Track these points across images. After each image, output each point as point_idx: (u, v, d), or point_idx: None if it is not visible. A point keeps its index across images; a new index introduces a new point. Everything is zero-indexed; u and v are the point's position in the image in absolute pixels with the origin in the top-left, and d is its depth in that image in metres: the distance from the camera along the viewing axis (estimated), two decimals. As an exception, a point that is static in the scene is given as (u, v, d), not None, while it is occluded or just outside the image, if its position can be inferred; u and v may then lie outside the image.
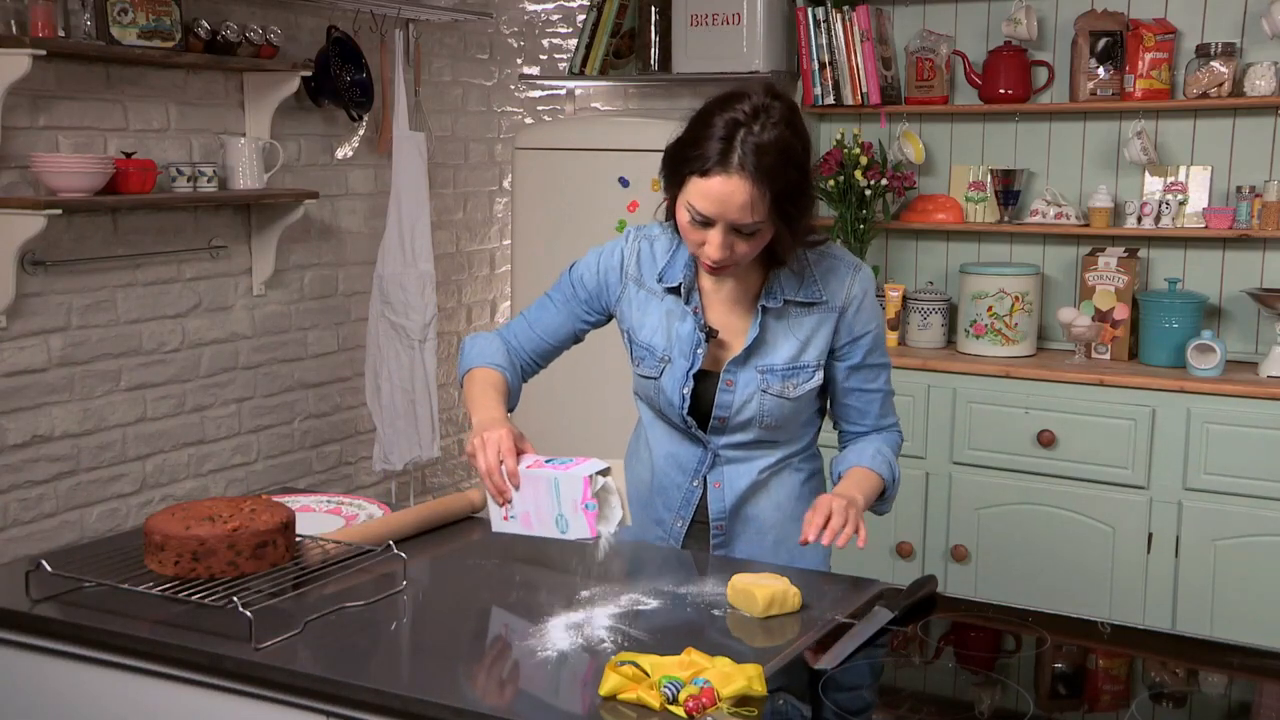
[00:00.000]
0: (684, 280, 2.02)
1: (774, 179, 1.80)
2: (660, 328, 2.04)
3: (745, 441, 2.05)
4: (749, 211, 1.81)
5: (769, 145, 1.80)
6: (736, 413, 2.02)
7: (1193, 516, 3.27)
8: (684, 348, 2.02)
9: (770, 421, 2.03)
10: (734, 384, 2.01)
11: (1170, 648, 1.82)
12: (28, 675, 1.77)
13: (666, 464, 2.12)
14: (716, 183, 1.81)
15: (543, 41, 4.75)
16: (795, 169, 1.83)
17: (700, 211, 1.84)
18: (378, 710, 1.52)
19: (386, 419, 4.03)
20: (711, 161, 1.81)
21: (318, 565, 1.87)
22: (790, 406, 2.02)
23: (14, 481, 3.14)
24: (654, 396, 2.07)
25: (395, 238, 3.97)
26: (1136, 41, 3.53)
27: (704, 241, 1.87)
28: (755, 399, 2.01)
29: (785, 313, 2.00)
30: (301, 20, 3.80)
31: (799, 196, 1.86)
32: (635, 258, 2.08)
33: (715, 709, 1.43)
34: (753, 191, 1.80)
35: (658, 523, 2.13)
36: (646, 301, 2.06)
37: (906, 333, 3.84)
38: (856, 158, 3.70)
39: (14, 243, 2.98)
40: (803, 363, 2.01)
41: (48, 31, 2.96)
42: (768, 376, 2.00)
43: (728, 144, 1.81)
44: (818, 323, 2.01)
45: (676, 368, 2.02)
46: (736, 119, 1.82)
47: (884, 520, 3.65)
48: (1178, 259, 3.69)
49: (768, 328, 2.00)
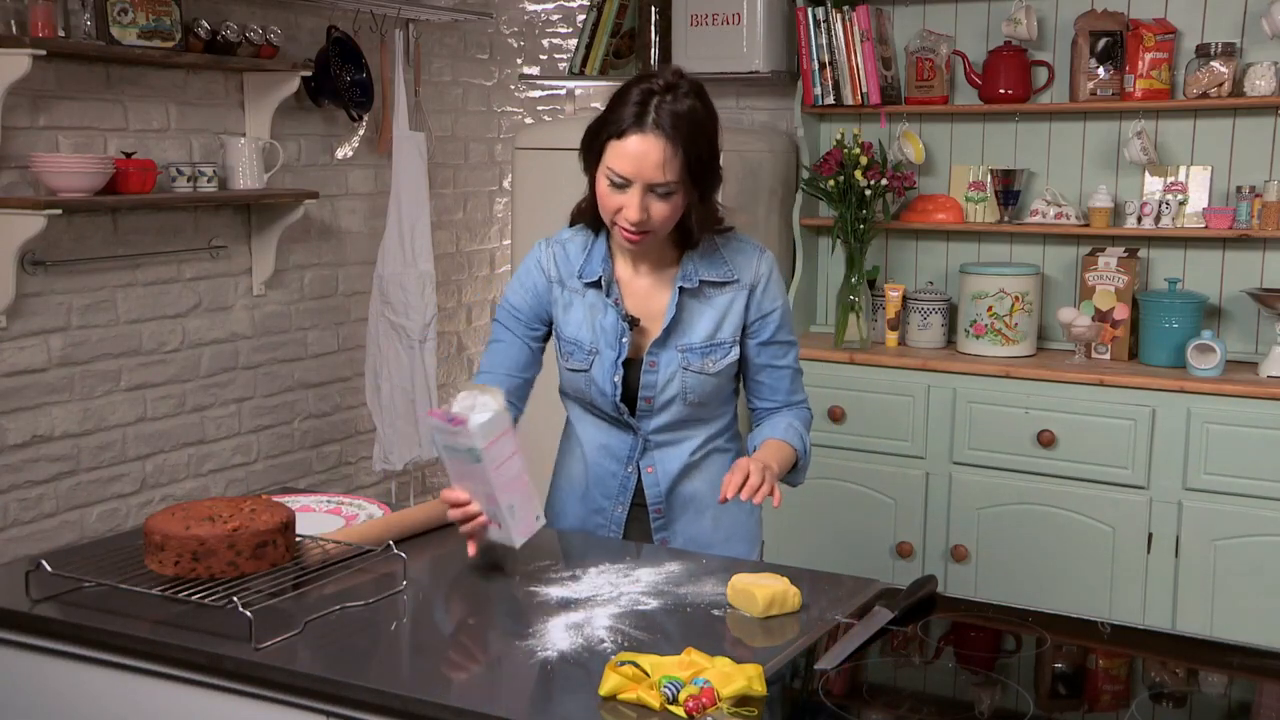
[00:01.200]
0: (603, 273, 2.13)
1: (686, 140, 1.96)
2: (584, 322, 2.15)
3: (671, 423, 2.16)
4: (663, 169, 1.96)
5: (682, 111, 1.97)
6: (661, 391, 2.13)
7: (1193, 516, 3.27)
8: (609, 338, 2.13)
9: (693, 398, 2.14)
10: (656, 365, 2.13)
11: (1170, 648, 1.82)
12: (28, 675, 1.77)
13: (599, 455, 2.22)
14: (633, 142, 1.97)
15: (543, 41, 4.75)
16: (705, 137, 2.00)
17: (618, 173, 1.98)
18: (378, 710, 1.52)
19: (386, 419, 4.03)
20: (627, 123, 1.97)
21: (318, 565, 1.87)
22: (711, 382, 2.14)
23: (14, 481, 3.14)
24: (584, 388, 2.17)
25: (395, 238, 3.97)
26: (1136, 41, 3.53)
27: (621, 207, 2.00)
28: (678, 377, 2.12)
29: (700, 293, 2.13)
30: (301, 20, 3.80)
31: (709, 163, 2.02)
32: (553, 262, 2.19)
33: (715, 709, 1.43)
34: (666, 149, 1.95)
35: (597, 511, 2.23)
36: (570, 300, 2.17)
37: (906, 333, 3.84)
38: (856, 158, 3.70)
39: (14, 243, 2.98)
40: (719, 339, 2.14)
41: (48, 31, 2.96)
42: (688, 354, 2.12)
43: (642, 108, 1.97)
44: (730, 300, 2.14)
45: (604, 358, 2.13)
46: (650, 89, 1.98)
47: (884, 520, 3.67)
48: (1178, 259, 3.68)
49: (684, 307, 2.12)
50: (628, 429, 2.18)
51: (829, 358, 3.68)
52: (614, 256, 2.16)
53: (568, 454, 2.29)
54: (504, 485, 1.85)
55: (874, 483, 3.64)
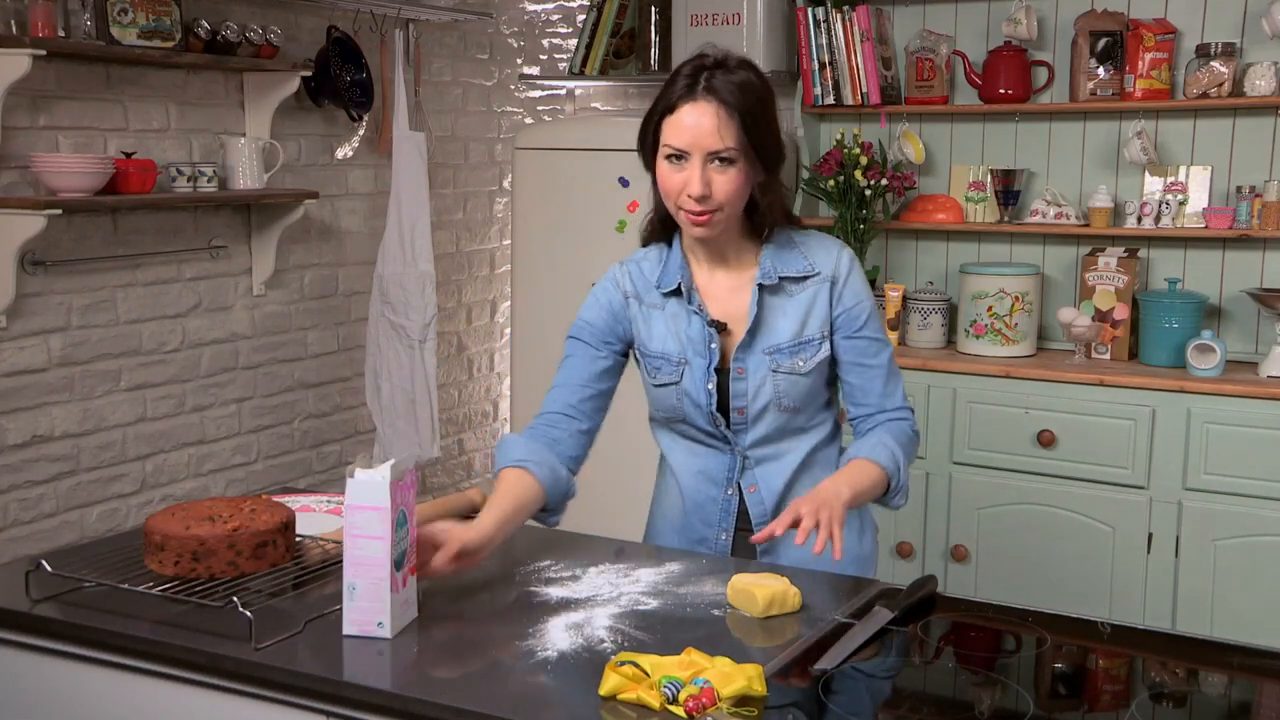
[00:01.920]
0: (681, 280, 2.03)
1: (740, 102, 1.90)
2: (669, 334, 2.05)
3: (769, 434, 2.05)
4: (719, 135, 1.89)
5: (734, 80, 1.91)
6: (754, 399, 2.02)
7: (1193, 516, 3.27)
8: (698, 347, 2.03)
9: (788, 402, 2.03)
10: (745, 371, 2.02)
11: (1170, 648, 1.82)
12: (28, 675, 1.77)
13: (696, 481, 2.10)
14: (685, 111, 1.91)
15: (543, 41, 4.75)
16: (761, 104, 1.93)
17: (675, 146, 1.92)
18: (378, 710, 1.52)
19: (386, 419, 4.03)
20: (678, 96, 1.92)
21: (318, 565, 1.87)
22: (804, 383, 2.03)
23: (14, 481, 3.14)
24: (677, 404, 2.05)
25: (395, 238, 3.97)
26: (1136, 41, 3.53)
27: (684, 187, 1.92)
28: (769, 381, 2.01)
29: (781, 289, 2.03)
30: (301, 20, 3.80)
31: (769, 133, 1.95)
32: (629, 279, 2.09)
33: (715, 709, 1.43)
34: (719, 113, 1.89)
35: (700, 541, 2.11)
36: (650, 315, 2.07)
37: (906, 333, 3.84)
38: (856, 158, 3.70)
39: (14, 243, 2.98)
40: (806, 336, 2.02)
41: (48, 31, 2.96)
42: (776, 356, 2.01)
43: (693, 80, 1.92)
44: (814, 295, 2.03)
45: (695, 368, 2.03)
46: (701, 64, 1.94)
47: (884, 520, 3.66)
48: (1178, 259, 3.68)
49: (766, 306, 2.02)
50: (724, 449, 2.07)
51: (829, 358, 3.67)
52: (690, 263, 2.06)
53: (662, 490, 2.18)
54: (353, 560, 1.64)
55: (874, 483, 3.63)
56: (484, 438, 4.83)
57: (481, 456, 4.81)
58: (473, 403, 4.75)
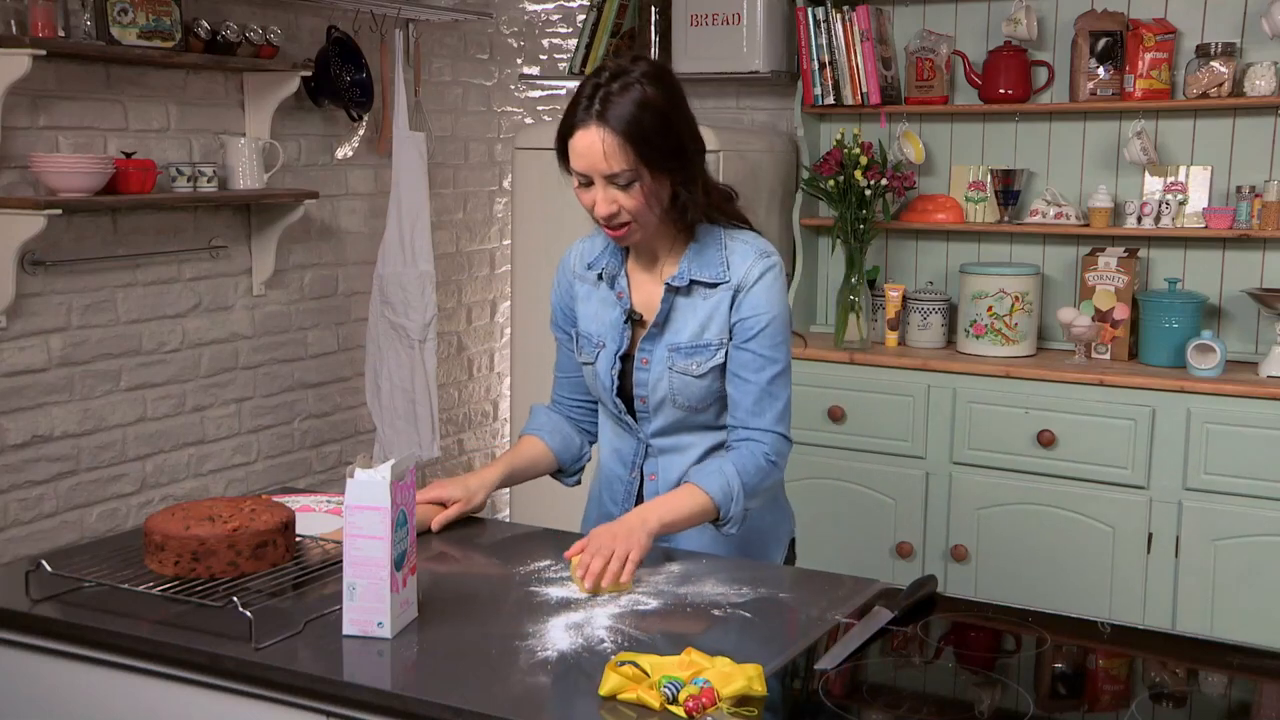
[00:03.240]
0: (606, 267, 2.12)
1: (628, 124, 1.91)
2: (595, 315, 2.14)
3: (669, 426, 2.11)
4: (610, 159, 1.92)
5: (622, 98, 1.92)
6: (652, 390, 2.09)
7: (1193, 516, 3.27)
8: (613, 332, 2.11)
9: (682, 401, 2.08)
10: (649, 362, 2.09)
11: (1170, 648, 1.82)
12: (28, 675, 1.77)
13: (611, 458, 2.21)
14: (578, 137, 1.95)
15: (543, 41, 4.75)
16: (655, 117, 1.93)
17: (577, 170, 1.97)
18: (378, 710, 1.52)
19: (386, 419, 4.03)
20: (574, 119, 1.96)
21: (318, 565, 1.87)
22: (698, 385, 2.07)
23: (14, 481, 3.14)
24: (593, 383, 2.16)
25: (395, 238, 3.97)
26: (1136, 41, 3.53)
27: (592, 203, 1.98)
28: (665, 377, 2.07)
29: (691, 291, 2.07)
30: (301, 20, 3.80)
31: (669, 144, 1.95)
32: (579, 256, 2.20)
33: (715, 709, 1.43)
34: (608, 138, 1.91)
35: (606, 517, 2.18)
36: (588, 294, 2.17)
37: (906, 333, 3.84)
38: (856, 158, 3.70)
39: (14, 243, 2.98)
40: (704, 340, 2.06)
41: (48, 31, 2.96)
42: (674, 355, 2.07)
43: (588, 102, 1.95)
44: (718, 301, 2.06)
45: (608, 350, 2.11)
46: (597, 82, 1.96)
47: (884, 520, 3.67)
48: (1178, 259, 3.69)
49: (675, 306, 2.08)
50: (631, 432, 2.15)
51: (829, 358, 3.67)
52: (627, 252, 2.14)
53: (598, 459, 2.27)
54: (353, 560, 1.66)
55: (874, 483, 3.64)
56: (484, 438, 4.83)
57: (481, 456, 4.81)
58: (473, 403, 4.75)
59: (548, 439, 2.24)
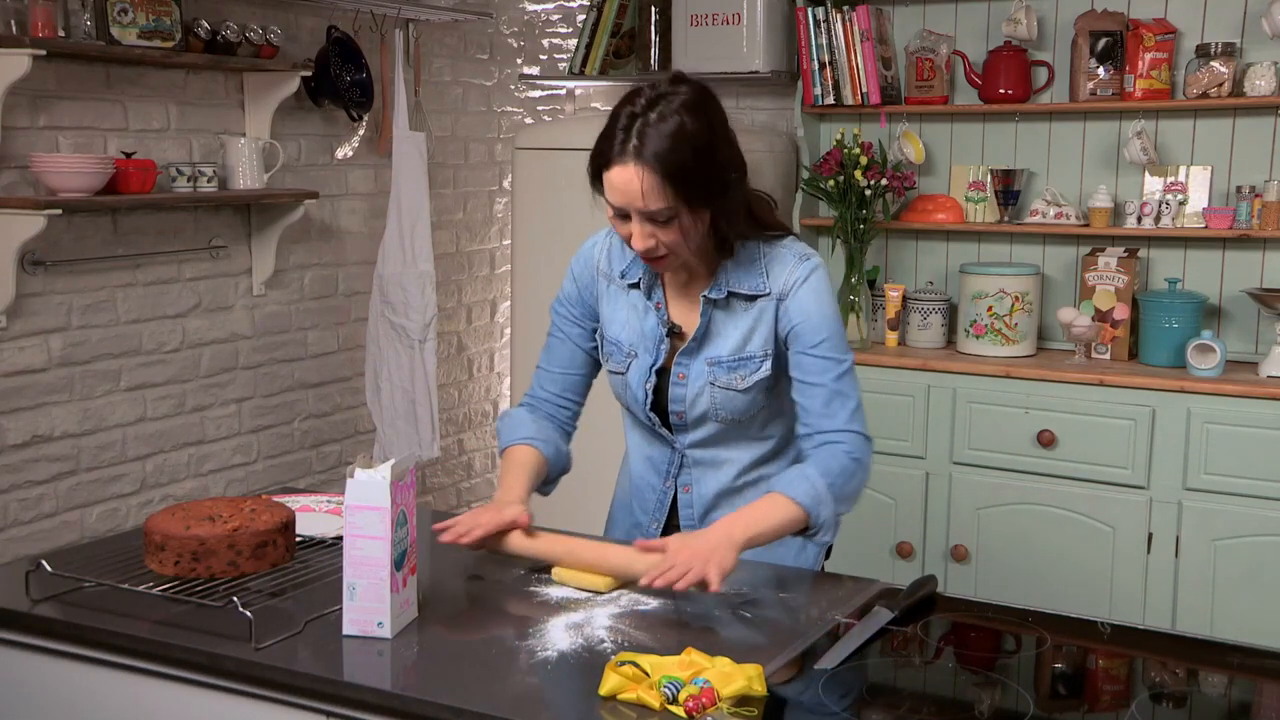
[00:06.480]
0: (644, 276, 2.04)
1: (666, 162, 1.82)
2: (627, 323, 2.06)
3: (708, 439, 2.05)
4: (648, 198, 1.84)
5: (660, 131, 1.84)
6: (691, 406, 2.02)
7: (1193, 516, 3.27)
8: (648, 343, 2.04)
9: (724, 415, 2.02)
10: (685, 377, 2.02)
11: (1170, 648, 1.82)
12: (28, 675, 1.77)
13: (643, 466, 2.14)
14: (615, 173, 1.86)
15: (543, 41, 4.75)
16: (692, 150, 1.84)
17: (612, 204, 1.90)
18: (378, 710, 1.52)
19: (386, 419, 4.03)
20: (612, 153, 1.87)
21: (318, 565, 1.87)
22: (742, 399, 2.00)
23: (14, 481, 3.14)
24: (622, 393, 2.09)
25: (395, 238, 3.97)
26: (1136, 41, 3.53)
27: (629, 235, 1.91)
28: (706, 392, 2.01)
29: (729, 304, 2.00)
30: (301, 20, 3.80)
31: (705, 177, 1.87)
32: (606, 254, 2.11)
33: (715, 709, 1.43)
34: (646, 177, 1.83)
35: (636, 526, 2.14)
36: (616, 296, 2.08)
37: (906, 333, 3.84)
38: (856, 158, 3.70)
39: (14, 243, 2.98)
40: (748, 353, 1.99)
41: (48, 31, 2.96)
42: (715, 369, 2.00)
43: (626, 134, 1.86)
44: (760, 312, 1.99)
45: (641, 363, 2.04)
46: (634, 110, 1.87)
47: (884, 520, 3.67)
48: (1178, 259, 3.69)
49: (714, 319, 2.01)
50: (665, 442, 2.08)
51: (829, 358, 3.67)
52: None
53: (622, 471, 2.21)
54: (353, 560, 1.66)
55: (874, 483, 3.59)
56: (484, 438, 4.83)
57: (481, 456, 4.81)
58: (473, 403, 4.75)
59: (543, 448, 2.11)
